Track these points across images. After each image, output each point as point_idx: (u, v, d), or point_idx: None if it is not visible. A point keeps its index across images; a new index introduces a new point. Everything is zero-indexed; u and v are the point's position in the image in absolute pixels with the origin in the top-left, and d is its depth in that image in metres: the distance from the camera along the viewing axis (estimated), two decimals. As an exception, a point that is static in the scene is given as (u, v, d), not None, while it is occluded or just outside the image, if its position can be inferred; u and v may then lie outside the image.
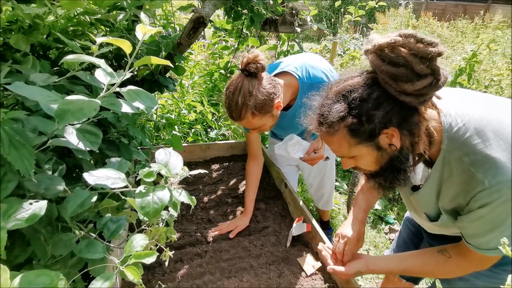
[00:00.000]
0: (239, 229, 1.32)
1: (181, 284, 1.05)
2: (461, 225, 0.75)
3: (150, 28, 0.59)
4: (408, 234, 1.23)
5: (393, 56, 0.62)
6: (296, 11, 2.29)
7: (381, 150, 0.70)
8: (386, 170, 0.74)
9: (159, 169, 0.62)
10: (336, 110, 0.68)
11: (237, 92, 1.06)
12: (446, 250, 0.82)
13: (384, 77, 0.64)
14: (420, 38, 0.61)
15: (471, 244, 0.73)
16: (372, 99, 0.66)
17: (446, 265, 0.81)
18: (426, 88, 0.62)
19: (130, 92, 0.60)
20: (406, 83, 0.62)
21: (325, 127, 0.71)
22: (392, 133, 0.67)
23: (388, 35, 0.65)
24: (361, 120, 0.67)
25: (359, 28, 8.04)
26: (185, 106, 2.51)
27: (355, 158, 0.75)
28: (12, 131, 0.50)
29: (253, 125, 1.15)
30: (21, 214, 0.46)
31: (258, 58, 1.07)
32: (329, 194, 1.89)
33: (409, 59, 0.61)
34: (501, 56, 3.80)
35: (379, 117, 0.66)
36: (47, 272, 0.41)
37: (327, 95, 0.74)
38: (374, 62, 0.65)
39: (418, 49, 0.61)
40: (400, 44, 0.62)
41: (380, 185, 0.78)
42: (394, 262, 0.90)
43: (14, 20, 0.80)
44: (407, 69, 0.62)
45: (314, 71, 1.24)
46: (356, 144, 0.70)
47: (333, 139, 0.73)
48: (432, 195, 0.79)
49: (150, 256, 0.57)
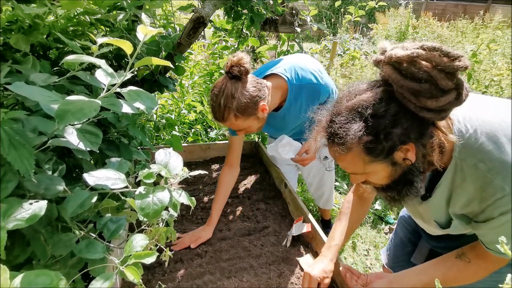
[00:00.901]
0: (201, 240, 1.24)
1: (181, 284, 1.05)
2: (480, 232, 0.73)
3: (151, 29, 0.59)
4: (405, 233, 1.23)
5: (415, 70, 0.58)
6: (296, 11, 2.29)
7: (396, 165, 0.68)
8: (399, 184, 0.71)
9: (159, 170, 0.62)
10: (354, 130, 0.64)
11: (220, 94, 1.07)
12: (464, 254, 0.81)
13: (404, 92, 0.60)
14: (446, 51, 0.57)
15: (493, 250, 0.72)
16: (389, 115, 0.63)
17: (468, 270, 0.79)
18: (450, 103, 0.59)
19: (131, 92, 0.60)
20: (429, 99, 0.58)
21: (340, 146, 0.67)
22: (408, 148, 0.65)
23: (405, 46, 0.61)
24: (378, 138, 0.63)
25: (359, 28, 8.04)
26: (185, 106, 2.51)
27: (367, 174, 0.72)
28: (12, 131, 0.50)
29: (237, 126, 1.15)
30: (21, 214, 0.46)
31: (242, 61, 1.08)
32: (329, 193, 1.89)
33: (434, 75, 0.57)
34: (501, 56, 3.80)
35: (397, 134, 0.62)
36: (47, 272, 0.41)
37: (338, 111, 0.69)
38: (391, 76, 0.61)
39: (444, 64, 0.56)
40: (423, 58, 0.58)
41: (391, 199, 0.75)
42: (416, 276, 0.88)
43: (14, 20, 0.80)
44: (431, 84, 0.58)
45: (303, 73, 1.25)
46: (371, 161, 0.67)
47: (346, 157, 0.69)
48: (442, 203, 0.77)
49: (150, 256, 0.57)
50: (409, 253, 1.20)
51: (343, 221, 1.08)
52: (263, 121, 1.20)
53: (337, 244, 1.04)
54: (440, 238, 0.99)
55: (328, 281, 0.98)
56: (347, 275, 0.97)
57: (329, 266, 0.99)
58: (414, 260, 1.18)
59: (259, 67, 1.38)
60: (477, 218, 0.72)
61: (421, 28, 6.94)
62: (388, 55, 0.61)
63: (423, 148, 0.65)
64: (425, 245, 1.13)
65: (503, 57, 3.77)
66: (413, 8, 7.65)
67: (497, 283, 0.87)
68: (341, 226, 1.08)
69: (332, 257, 1.02)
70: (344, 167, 0.75)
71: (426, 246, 1.12)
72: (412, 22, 7.23)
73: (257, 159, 1.97)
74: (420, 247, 1.16)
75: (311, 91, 1.26)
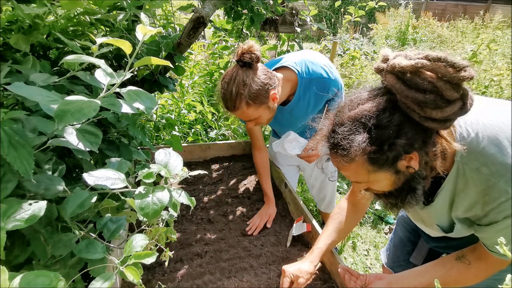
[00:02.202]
0: (273, 216, 1.35)
1: (181, 284, 1.05)
2: (483, 235, 0.73)
3: (150, 29, 0.59)
4: (405, 233, 1.23)
5: (420, 81, 0.57)
6: (296, 11, 2.28)
7: (399, 173, 0.67)
8: (402, 191, 0.71)
9: (158, 170, 0.62)
10: (358, 142, 0.63)
11: (232, 82, 1.07)
12: (464, 256, 0.81)
13: (408, 102, 0.59)
14: (451, 62, 0.56)
15: (496, 252, 0.71)
16: (393, 125, 0.62)
17: (468, 272, 0.79)
18: (455, 113, 0.59)
19: (130, 92, 0.60)
20: (434, 110, 0.57)
21: (344, 158, 0.67)
22: (412, 156, 0.64)
23: (408, 55, 0.61)
24: (382, 148, 0.63)
25: (359, 28, 8.05)
26: (185, 106, 2.50)
27: (371, 182, 0.72)
28: (12, 131, 0.50)
29: (248, 116, 1.14)
30: (21, 214, 0.46)
31: (252, 48, 1.07)
32: (331, 196, 1.87)
33: (439, 85, 0.56)
34: (501, 56, 3.81)
35: (401, 144, 0.62)
36: (46, 272, 0.41)
37: (340, 121, 0.68)
38: (395, 86, 0.60)
39: (450, 75, 0.55)
40: (428, 68, 0.57)
41: (393, 205, 0.75)
42: (416, 278, 0.88)
43: (14, 20, 0.80)
44: (436, 95, 0.57)
45: (313, 67, 1.25)
46: (375, 171, 0.67)
47: (350, 167, 0.69)
48: (445, 207, 0.77)
49: (150, 256, 0.57)
50: (409, 253, 1.19)
51: (330, 226, 1.07)
52: (273, 111, 1.20)
53: (320, 248, 1.03)
54: (440, 238, 0.99)
55: (302, 281, 0.97)
56: (345, 276, 0.97)
57: (307, 267, 0.99)
58: (413, 260, 1.18)
59: (266, 62, 1.37)
60: (480, 221, 0.72)
61: (421, 28, 6.94)
62: (391, 64, 0.60)
63: (426, 156, 0.65)
64: (424, 245, 1.12)
65: (503, 57, 3.78)
66: (413, 8, 7.66)
67: (497, 282, 0.87)
68: (328, 231, 1.07)
69: (313, 260, 1.01)
70: (347, 176, 0.75)
71: (425, 246, 1.12)
72: (412, 22, 7.23)
73: (257, 159, 1.97)
74: (419, 247, 1.16)
75: (321, 85, 1.26)
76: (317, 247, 1.04)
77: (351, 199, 1.09)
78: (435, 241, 1.01)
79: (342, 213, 1.08)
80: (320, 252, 1.03)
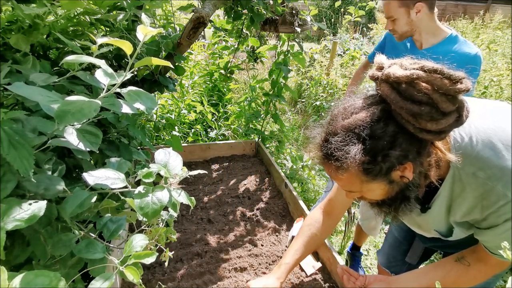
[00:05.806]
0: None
1: (181, 284, 1.05)
2: (483, 238, 0.73)
3: (151, 29, 0.59)
4: (400, 232, 1.22)
5: (415, 93, 0.56)
6: (296, 11, 2.28)
7: (393, 183, 0.67)
8: (396, 200, 0.71)
9: (158, 169, 0.62)
10: (354, 153, 0.62)
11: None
12: (464, 258, 0.80)
13: (403, 113, 0.58)
14: (447, 74, 0.55)
15: (498, 254, 0.71)
16: (387, 136, 0.61)
17: (467, 274, 0.79)
18: (450, 125, 0.58)
19: (131, 93, 0.60)
20: (429, 122, 0.57)
21: (339, 169, 0.66)
22: (406, 167, 0.63)
23: (403, 64, 0.59)
24: (376, 159, 0.62)
25: (359, 28, 8.04)
26: (185, 106, 2.51)
27: (364, 191, 0.71)
28: (12, 131, 0.50)
29: None
30: (21, 214, 0.46)
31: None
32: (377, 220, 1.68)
33: (435, 98, 0.55)
34: (501, 56, 3.81)
35: (395, 156, 0.61)
36: (46, 272, 0.41)
37: (333, 131, 0.66)
38: (389, 96, 0.59)
39: (446, 88, 0.55)
40: (423, 80, 0.56)
41: (387, 213, 0.75)
42: (416, 279, 0.88)
43: (14, 20, 0.80)
44: (431, 107, 0.56)
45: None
46: (368, 181, 0.66)
47: (343, 177, 0.67)
48: (442, 213, 0.77)
49: (150, 256, 0.57)
50: (405, 252, 1.19)
51: (299, 240, 1.03)
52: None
53: (288, 263, 0.99)
54: (435, 238, 0.98)
55: None
56: (344, 276, 0.97)
57: (273, 284, 0.95)
58: (408, 260, 1.18)
59: None
60: (480, 225, 0.71)
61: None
62: (386, 73, 0.59)
63: (421, 166, 0.64)
64: (419, 245, 1.12)
65: (503, 57, 3.78)
66: (413, 8, 7.63)
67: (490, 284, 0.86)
68: (296, 245, 1.03)
69: (279, 276, 0.97)
70: (340, 186, 0.75)
71: (421, 245, 1.11)
72: (412, 22, 7.21)
73: (258, 159, 1.97)
74: (415, 246, 1.15)
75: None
76: (285, 262, 1.00)
77: (326, 209, 1.05)
78: (431, 241, 1.01)
79: (315, 225, 1.04)
80: (288, 267, 0.99)
